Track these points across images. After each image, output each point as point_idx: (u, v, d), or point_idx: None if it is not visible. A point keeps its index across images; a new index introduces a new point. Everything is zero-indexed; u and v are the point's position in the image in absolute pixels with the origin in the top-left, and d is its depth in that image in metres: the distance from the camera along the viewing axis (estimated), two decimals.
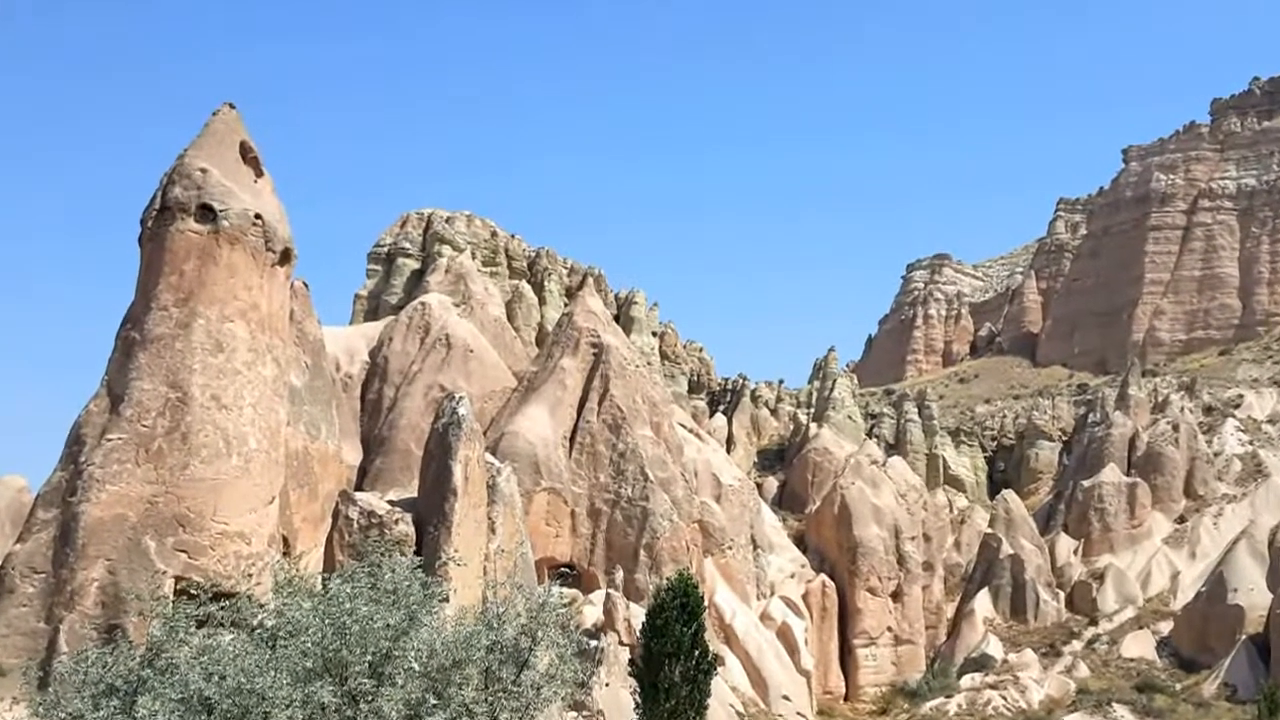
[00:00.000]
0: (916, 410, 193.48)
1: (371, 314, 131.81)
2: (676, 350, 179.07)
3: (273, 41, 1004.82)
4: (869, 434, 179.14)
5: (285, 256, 48.51)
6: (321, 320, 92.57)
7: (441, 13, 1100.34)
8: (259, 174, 49.22)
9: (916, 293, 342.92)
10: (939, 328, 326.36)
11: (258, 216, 46.99)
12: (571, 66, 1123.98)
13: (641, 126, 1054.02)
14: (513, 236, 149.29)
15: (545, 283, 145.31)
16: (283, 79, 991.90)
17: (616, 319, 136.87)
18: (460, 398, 63.72)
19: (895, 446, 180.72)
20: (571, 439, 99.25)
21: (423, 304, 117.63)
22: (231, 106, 49.79)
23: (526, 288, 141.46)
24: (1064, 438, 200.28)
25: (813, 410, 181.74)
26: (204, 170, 46.76)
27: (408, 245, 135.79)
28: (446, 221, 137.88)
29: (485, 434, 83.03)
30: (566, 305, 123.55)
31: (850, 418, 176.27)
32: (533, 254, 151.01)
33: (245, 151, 48.68)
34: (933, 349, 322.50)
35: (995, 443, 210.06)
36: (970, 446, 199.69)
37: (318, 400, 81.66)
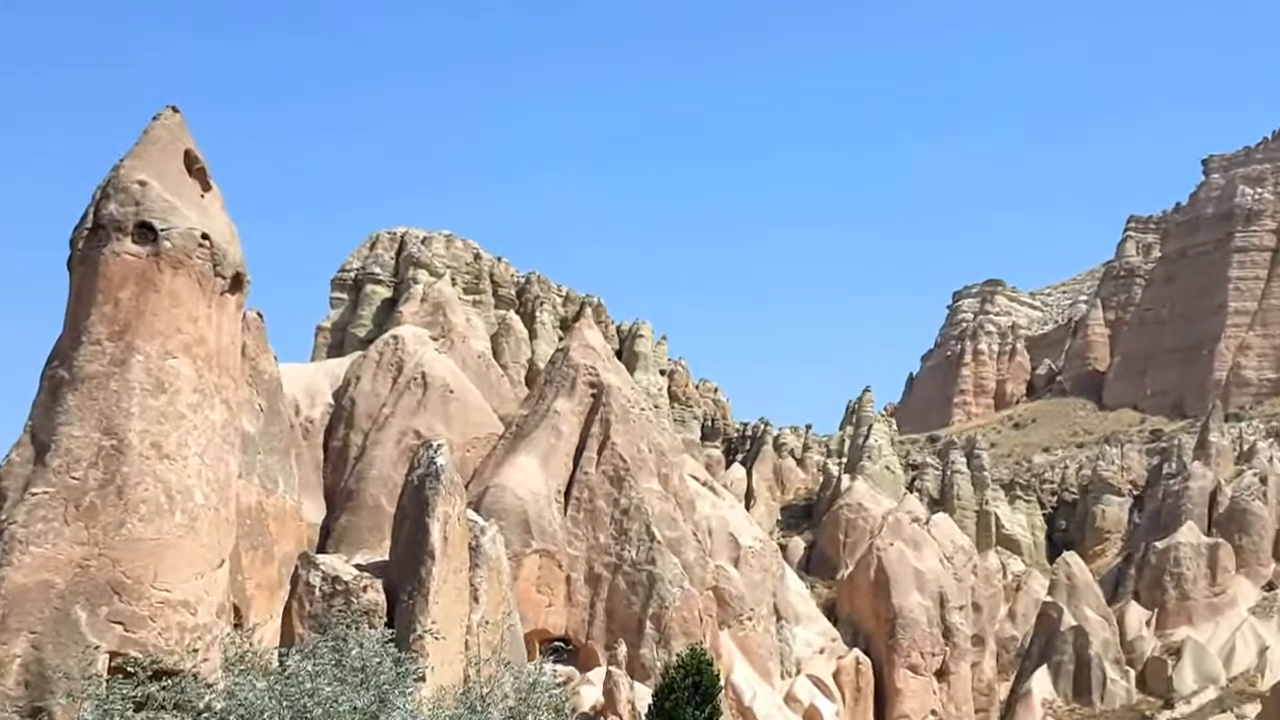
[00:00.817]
0: (965, 460, 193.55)
1: (336, 349, 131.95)
2: (688, 391, 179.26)
3: (221, 36, 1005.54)
4: (910, 487, 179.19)
5: (237, 283, 48.54)
6: (279, 356, 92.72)
7: (416, 2, 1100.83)
8: (206, 187, 49.30)
9: (965, 325, 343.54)
10: (990, 365, 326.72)
11: (205, 237, 47.00)
12: (567, 66, 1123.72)
13: (647, 134, 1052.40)
14: (499, 260, 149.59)
15: (536, 313, 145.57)
16: (234, 78, 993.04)
17: (619, 355, 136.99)
18: (438, 446, 63.70)
19: (940, 502, 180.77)
20: (567, 494, 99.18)
21: (395, 338, 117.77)
22: (175, 110, 49.88)
23: (515, 319, 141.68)
24: (1135, 492, 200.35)
25: (845, 460, 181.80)
26: (143, 183, 46.83)
27: (378, 270, 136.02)
28: (422, 242, 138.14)
29: (467, 487, 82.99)
30: (561, 339, 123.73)
31: (888, 469, 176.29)
32: (522, 280, 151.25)
33: (191, 162, 48.76)
34: (983, 389, 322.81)
35: (1055, 498, 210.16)
36: (1027, 502, 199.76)
37: (274, 449, 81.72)
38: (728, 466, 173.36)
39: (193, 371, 45.80)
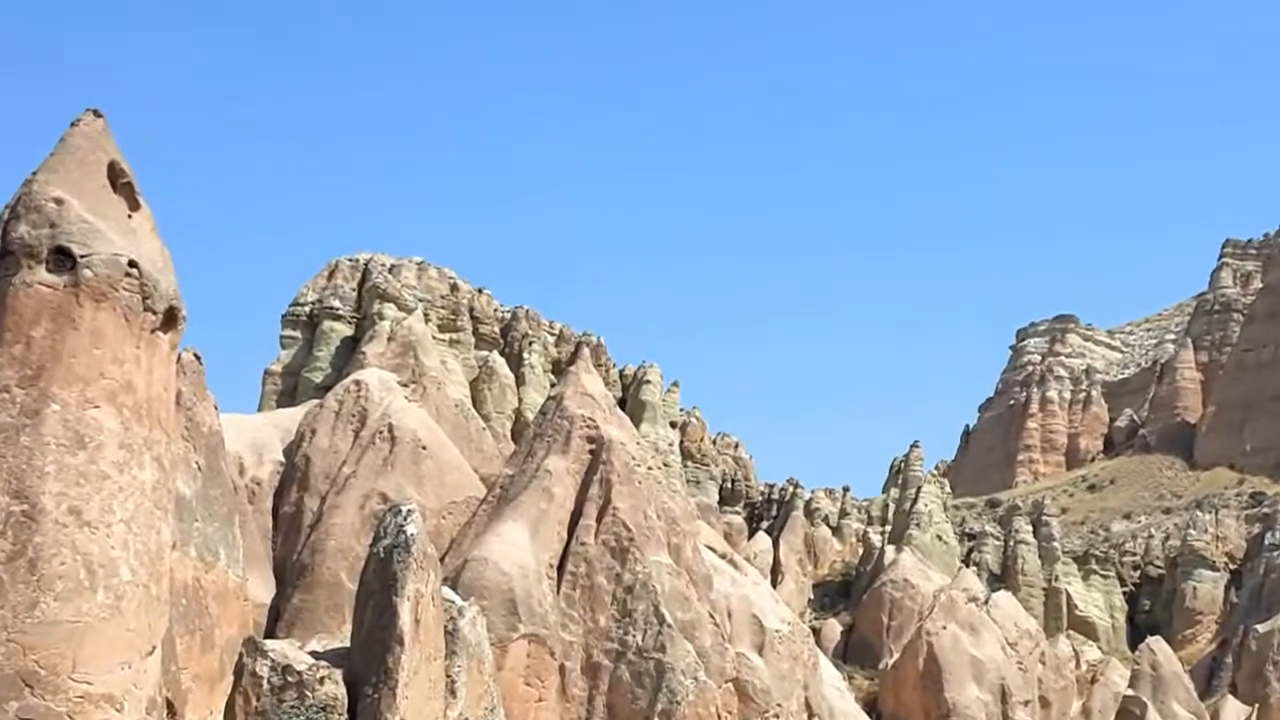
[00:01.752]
0: (1031, 529, 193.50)
1: (288, 397, 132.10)
2: (703, 447, 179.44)
3: (151, 28, 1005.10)
4: (966, 561, 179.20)
5: (170, 319, 48.46)
6: (220, 406, 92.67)
7: None
8: (135, 206, 49.23)
9: (1031, 369, 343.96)
10: (1061, 416, 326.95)
11: (132, 264, 46.94)
12: (561, 63, 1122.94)
13: (654, 144, 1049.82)
14: (480, 292, 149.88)
15: (524, 355, 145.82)
16: (166, 77, 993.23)
17: (621, 404, 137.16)
18: (408, 511, 63.55)
19: (1002, 578, 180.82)
20: (560, 568, 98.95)
21: (357, 384, 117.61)
22: (97, 114, 49.89)
23: (499, 361, 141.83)
24: (1231, 566, 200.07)
25: (889, 528, 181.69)
26: (59, 201, 46.82)
27: (337, 304, 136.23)
28: (389, 271, 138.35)
29: (443, 560, 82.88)
30: (553, 385, 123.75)
31: (940, 538, 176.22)
32: (507, 315, 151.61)
33: (116, 175, 48.75)
34: (1053, 445, 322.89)
35: (1138, 573, 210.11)
36: (1104, 578, 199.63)
37: (215, 515, 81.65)
38: (750, 536, 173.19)
39: (118, 424, 45.70)
